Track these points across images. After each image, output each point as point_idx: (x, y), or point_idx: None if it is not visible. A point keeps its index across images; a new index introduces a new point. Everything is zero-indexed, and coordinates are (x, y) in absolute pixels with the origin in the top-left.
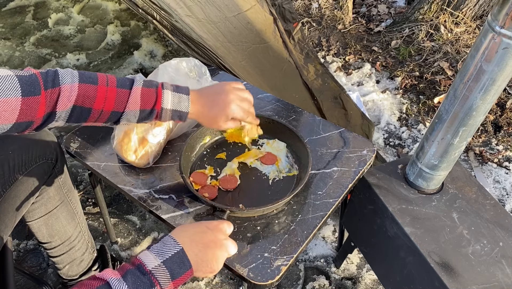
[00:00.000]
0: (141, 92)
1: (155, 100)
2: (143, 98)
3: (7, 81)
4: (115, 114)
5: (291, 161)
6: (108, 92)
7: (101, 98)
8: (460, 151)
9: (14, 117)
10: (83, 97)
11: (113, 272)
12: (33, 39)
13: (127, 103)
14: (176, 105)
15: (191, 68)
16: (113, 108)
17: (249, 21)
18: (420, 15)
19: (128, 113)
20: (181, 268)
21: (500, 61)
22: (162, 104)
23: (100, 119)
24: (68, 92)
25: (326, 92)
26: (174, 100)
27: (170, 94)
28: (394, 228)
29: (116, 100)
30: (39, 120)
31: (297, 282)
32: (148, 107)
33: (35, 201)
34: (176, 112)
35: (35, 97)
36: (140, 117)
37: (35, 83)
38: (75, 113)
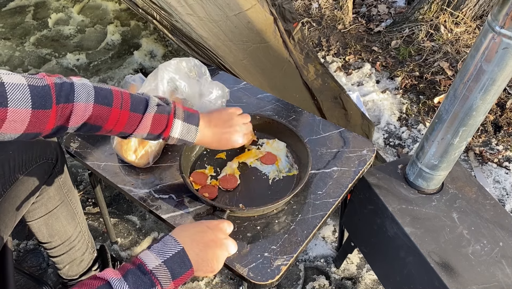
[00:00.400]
0: (152, 118)
1: (164, 128)
2: (154, 123)
3: (19, 91)
4: (124, 134)
5: (291, 160)
6: (121, 115)
7: (113, 120)
8: (460, 151)
9: (23, 128)
10: (96, 117)
11: (114, 271)
12: (33, 39)
13: (137, 127)
14: (183, 136)
15: (191, 68)
16: (123, 129)
17: (250, 21)
18: (420, 15)
19: (136, 135)
20: (182, 267)
21: (500, 61)
22: (170, 133)
23: (108, 134)
24: (81, 112)
25: (326, 92)
26: (183, 130)
27: (180, 124)
28: (394, 228)
29: (127, 124)
30: (47, 131)
31: (297, 282)
32: (156, 132)
33: (35, 201)
34: (182, 140)
35: (45, 111)
36: (146, 138)
37: (47, 96)
38: (84, 128)
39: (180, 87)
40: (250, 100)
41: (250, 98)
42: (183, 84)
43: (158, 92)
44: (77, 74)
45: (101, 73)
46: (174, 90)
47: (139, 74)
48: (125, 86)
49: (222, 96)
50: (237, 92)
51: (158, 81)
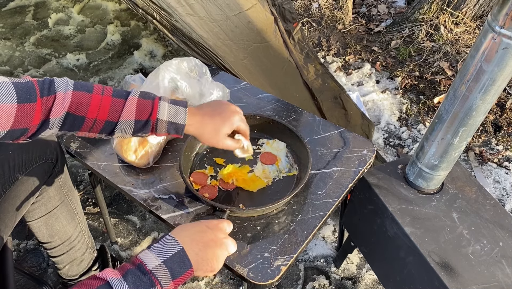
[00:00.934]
0: (137, 102)
1: (150, 111)
2: (139, 108)
3: (3, 87)
4: (109, 124)
5: (291, 160)
6: (103, 100)
7: (95, 107)
8: (460, 151)
9: (9, 124)
10: (77, 104)
11: (114, 271)
12: (33, 39)
13: (121, 112)
14: (172, 117)
15: (191, 68)
16: (107, 117)
17: (250, 20)
18: (420, 15)
19: (123, 124)
20: (182, 267)
21: (500, 61)
22: (157, 115)
23: (94, 129)
24: (61, 100)
25: (326, 92)
26: (171, 111)
27: (166, 105)
28: (394, 228)
29: (111, 109)
30: (34, 128)
31: (297, 282)
32: (143, 118)
33: (35, 201)
34: (172, 124)
35: (30, 104)
36: (135, 129)
37: (31, 90)
38: (68, 121)
39: (181, 87)
40: (250, 100)
41: (250, 98)
42: (184, 84)
43: (159, 92)
44: (77, 74)
45: (101, 73)
46: (174, 90)
47: (139, 74)
48: (125, 86)
49: (222, 97)
50: (237, 92)
51: (159, 81)
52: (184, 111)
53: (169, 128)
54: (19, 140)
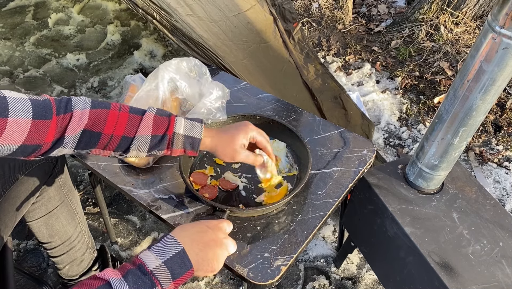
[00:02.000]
0: (153, 118)
1: (167, 126)
2: (155, 123)
3: (20, 103)
4: (126, 140)
5: (291, 160)
6: (120, 116)
7: (112, 122)
8: (460, 151)
9: (22, 139)
10: (94, 121)
11: (114, 271)
12: (33, 39)
13: (138, 127)
14: (188, 131)
15: (191, 68)
16: (124, 132)
17: (249, 21)
18: (420, 15)
19: (139, 139)
20: (182, 268)
21: (500, 61)
22: (174, 129)
23: (110, 145)
24: (78, 118)
25: (326, 92)
26: (187, 126)
27: (183, 120)
28: (394, 228)
29: (128, 125)
30: (47, 145)
31: (297, 282)
32: (160, 133)
33: (35, 201)
34: (189, 138)
35: (46, 121)
36: (151, 145)
37: (47, 107)
38: (84, 138)
39: (180, 87)
40: (250, 100)
41: (250, 98)
42: (184, 84)
43: (158, 92)
44: (77, 74)
45: (101, 73)
46: (174, 90)
47: (139, 74)
48: (125, 86)
49: (222, 97)
50: (237, 92)
51: (158, 81)
52: (200, 126)
53: (185, 142)
54: (31, 157)
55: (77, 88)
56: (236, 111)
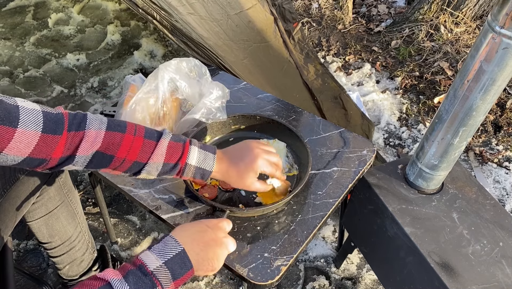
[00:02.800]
0: (168, 145)
1: (180, 155)
2: (169, 151)
3: (32, 114)
4: (137, 165)
5: (291, 160)
6: (135, 141)
7: (126, 147)
8: (460, 151)
9: (28, 152)
10: (108, 144)
11: (114, 272)
12: (33, 39)
13: (152, 154)
14: (201, 163)
15: (191, 68)
16: (137, 158)
17: (250, 20)
18: (420, 15)
19: (151, 165)
20: (182, 268)
21: (500, 61)
22: (187, 160)
23: (120, 168)
24: (92, 138)
25: (326, 92)
26: (200, 157)
27: (196, 150)
28: (394, 228)
29: (141, 151)
30: (54, 160)
31: (297, 282)
32: (173, 162)
33: (36, 201)
34: (200, 170)
35: (55, 136)
36: (161, 171)
37: (59, 122)
38: (96, 159)
39: (180, 87)
40: (250, 100)
41: (250, 98)
42: (184, 84)
43: (158, 92)
44: (77, 74)
45: (101, 73)
46: (174, 90)
47: (139, 74)
48: (125, 86)
49: (222, 97)
50: (237, 93)
51: (158, 81)
52: (213, 158)
53: (195, 173)
54: (38, 169)
55: (77, 88)
56: (236, 111)
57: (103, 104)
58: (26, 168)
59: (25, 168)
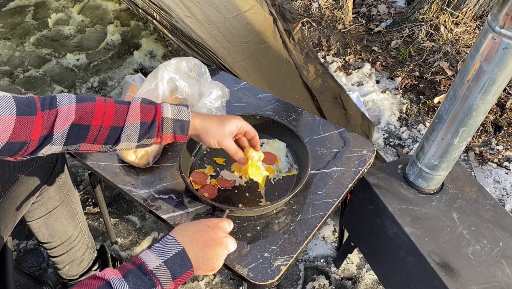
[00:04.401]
0: (140, 106)
1: (155, 112)
2: (143, 111)
3: (3, 100)
4: (115, 130)
5: (291, 160)
6: (107, 107)
7: (100, 113)
8: (460, 151)
9: (7, 136)
10: (81, 114)
11: (114, 271)
12: (33, 39)
13: (127, 116)
14: (176, 115)
15: (191, 68)
16: (112, 123)
17: (249, 22)
18: (420, 15)
19: (129, 128)
20: (182, 267)
21: (500, 61)
22: (162, 114)
23: (99, 138)
24: (65, 113)
25: (326, 92)
26: (174, 110)
27: (169, 106)
28: (394, 228)
29: (116, 114)
30: (34, 142)
31: (297, 282)
32: (149, 119)
33: (35, 201)
34: (178, 122)
35: (30, 117)
36: (140, 133)
37: (31, 104)
38: (73, 133)
39: (180, 87)
40: (250, 100)
41: (250, 98)
42: (183, 84)
43: (158, 92)
44: (77, 74)
45: (101, 73)
46: (174, 90)
47: (139, 74)
48: (125, 86)
49: (222, 96)
50: (237, 92)
51: (158, 81)
52: (187, 109)
53: (175, 126)
54: (18, 157)
55: (77, 88)
56: (236, 111)
57: None
58: (8, 157)
59: (6, 157)
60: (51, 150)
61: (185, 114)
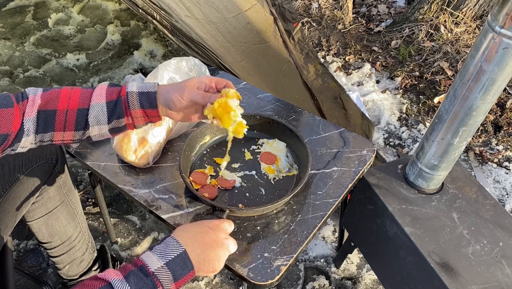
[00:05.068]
0: (106, 88)
1: (119, 90)
2: (108, 91)
3: None
4: (82, 113)
5: (291, 160)
6: (72, 93)
7: (65, 98)
8: (460, 151)
9: None
10: (46, 100)
11: (115, 272)
12: (33, 39)
13: (92, 96)
14: (141, 88)
15: (191, 68)
16: (78, 105)
17: (249, 21)
18: (420, 15)
19: (95, 108)
20: (183, 269)
21: (500, 61)
22: (127, 89)
23: (68, 123)
24: (32, 101)
25: (326, 92)
26: (140, 86)
27: (135, 84)
28: (394, 228)
29: (81, 97)
30: (14, 133)
31: (297, 282)
32: (114, 97)
33: (35, 201)
34: (143, 94)
35: (8, 109)
36: (109, 113)
37: (7, 98)
38: (41, 119)
39: None
40: (250, 100)
41: (250, 98)
42: None
43: None
44: (77, 74)
45: (101, 73)
46: None
47: (139, 74)
48: None
49: None
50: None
51: (158, 81)
52: (154, 83)
53: (141, 99)
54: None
55: None
56: None
57: None
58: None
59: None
60: (28, 140)
61: (151, 86)
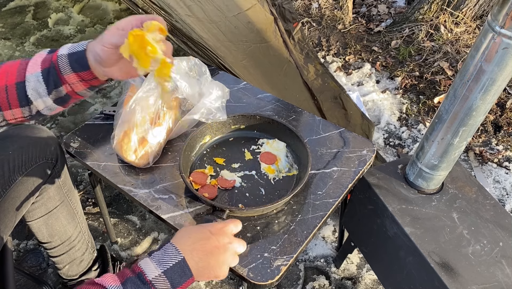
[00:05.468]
0: (44, 55)
1: (52, 56)
2: (44, 59)
3: None
4: (20, 86)
5: (291, 160)
6: (12, 66)
7: (3, 74)
8: (460, 151)
9: None
10: None
11: (113, 278)
12: (33, 39)
13: (27, 67)
14: (72, 48)
15: (191, 68)
16: (16, 78)
17: (250, 21)
18: (420, 15)
19: (30, 80)
20: (182, 277)
21: (500, 61)
22: (58, 53)
23: (11, 100)
24: None
25: (326, 92)
26: (71, 48)
27: (69, 44)
28: (394, 228)
29: (18, 70)
30: None
31: (297, 282)
32: (47, 65)
33: (35, 201)
34: (73, 55)
35: None
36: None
37: None
38: None
39: (180, 86)
40: (250, 100)
41: (250, 98)
42: (183, 84)
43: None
44: None
45: None
46: (174, 90)
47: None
48: (125, 86)
49: (222, 96)
50: (237, 92)
51: None
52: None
53: (71, 62)
54: None
55: None
56: (236, 111)
57: (103, 104)
58: None
59: None
60: None
61: (82, 44)
